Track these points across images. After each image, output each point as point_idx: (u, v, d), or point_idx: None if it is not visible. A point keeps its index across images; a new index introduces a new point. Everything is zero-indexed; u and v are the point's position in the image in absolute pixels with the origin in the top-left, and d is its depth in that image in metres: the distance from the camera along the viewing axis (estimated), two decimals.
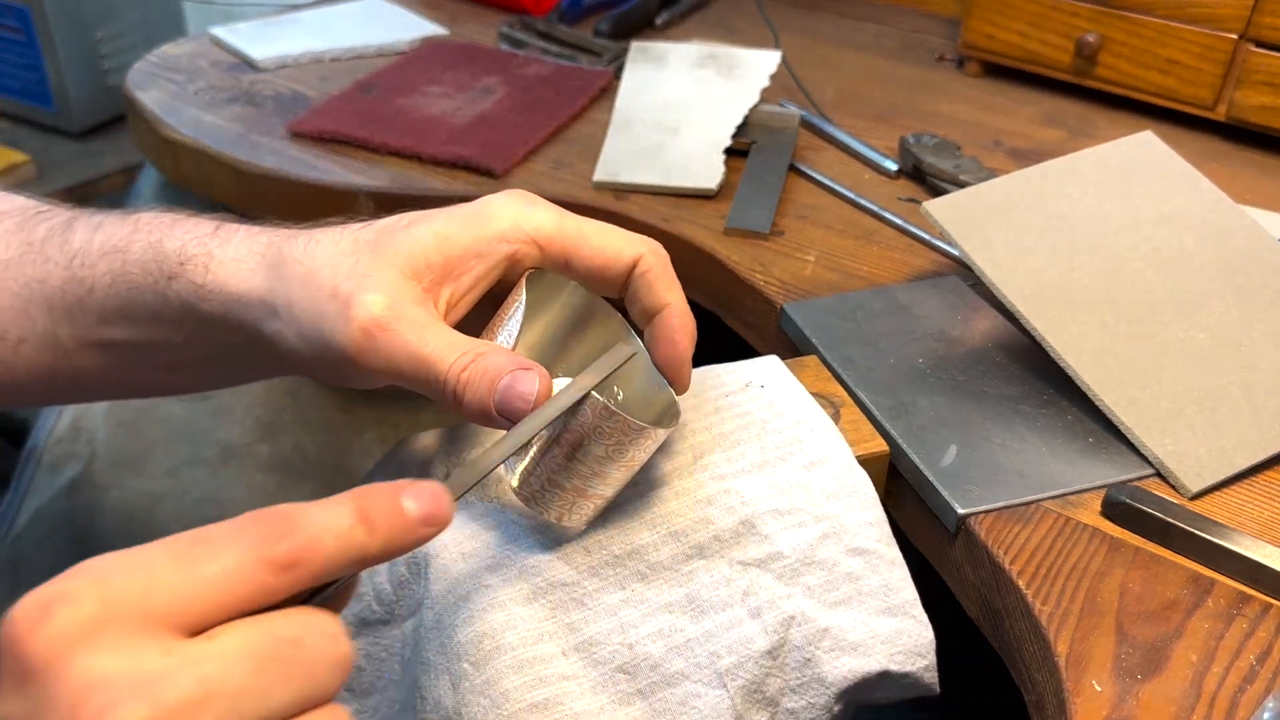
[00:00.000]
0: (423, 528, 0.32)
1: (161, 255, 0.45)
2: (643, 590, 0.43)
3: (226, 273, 0.43)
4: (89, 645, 0.27)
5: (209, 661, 0.27)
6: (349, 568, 0.31)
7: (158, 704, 0.26)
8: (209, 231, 0.45)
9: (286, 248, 0.43)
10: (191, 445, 0.78)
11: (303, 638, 0.29)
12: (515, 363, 0.39)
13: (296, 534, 0.29)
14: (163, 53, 0.94)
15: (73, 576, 0.28)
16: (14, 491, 0.74)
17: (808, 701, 0.44)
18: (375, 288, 0.40)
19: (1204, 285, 0.60)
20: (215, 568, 0.28)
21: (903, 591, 0.45)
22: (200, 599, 0.28)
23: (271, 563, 0.29)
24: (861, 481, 0.47)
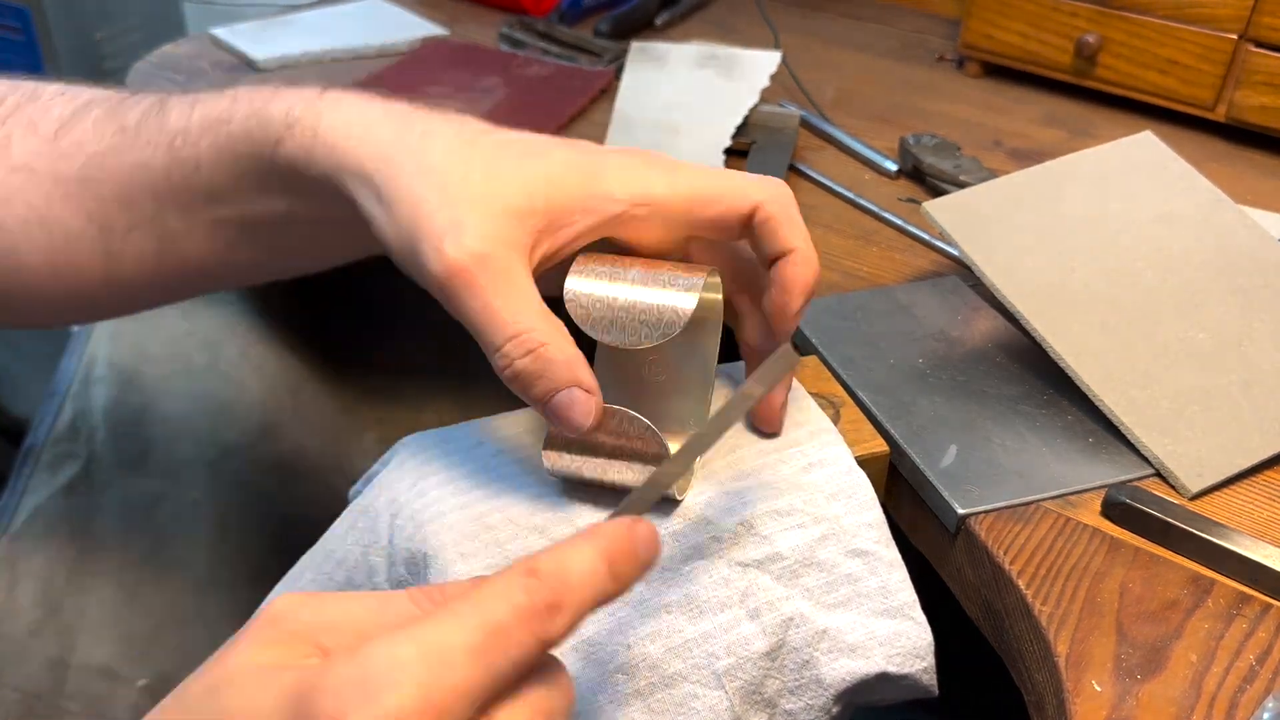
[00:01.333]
0: (645, 570, 0.33)
1: (267, 120, 0.43)
2: (641, 590, 0.43)
3: (336, 136, 0.42)
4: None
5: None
6: (592, 611, 0.31)
7: None
8: (315, 94, 0.44)
9: (401, 127, 0.42)
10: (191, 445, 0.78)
11: (554, 709, 0.30)
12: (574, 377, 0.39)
13: (565, 610, 0.30)
14: (163, 53, 0.94)
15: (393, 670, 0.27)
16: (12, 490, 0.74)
17: (806, 703, 0.44)
18: (472, 225, 0.39)
19: (1204, 285, 0.60)
20: (505, 665, 0.28)
21: (902, 593, 0.45)
22: (487, 696, 0.28)
23: (546, 642, 0.29)
24: (861, 483, 0.47)
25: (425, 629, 0.28)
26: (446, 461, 0.46)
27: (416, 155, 0.41)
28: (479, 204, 0.39)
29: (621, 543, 0.31)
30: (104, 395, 0.77)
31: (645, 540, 0.32)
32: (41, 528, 0.72)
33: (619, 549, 0.31)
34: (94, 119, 0.48)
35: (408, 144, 0.41)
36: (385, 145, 0.41)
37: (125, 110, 0.48)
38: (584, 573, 0.30)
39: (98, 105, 0.49)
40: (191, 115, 0.46)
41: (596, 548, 0.31)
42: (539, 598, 0.29)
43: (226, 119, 0.45)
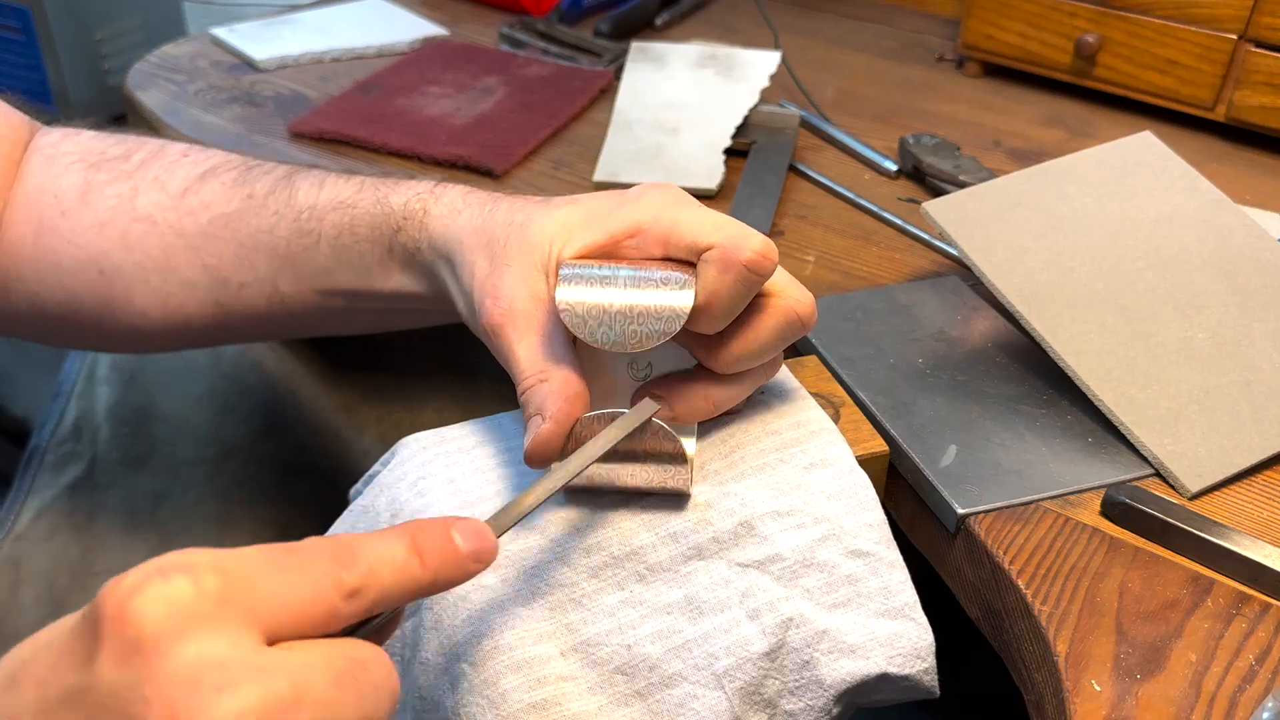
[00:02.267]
0: (471, 563, 0.33)
1: (389, 210, 0.50)
2: (641, 591, 0.43)
3: (434, 228, 0.48)
4: (206, 626, 0.27)
5: (300, 667, 0.28)
6: (402, 598, 0.32)
7: (262, 697, 0.27)
8: (429, 188, 0.50)
9: (480, 210, 0.48)
10: (193, 445, 0.78)
11: (368, 663, 0.30)
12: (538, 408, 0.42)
13: (359, 562, 0.31)
14: (163, 53, 0.94)
15: (188, 553, 0.28)
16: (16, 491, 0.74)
17: (806, 703, 0.44)
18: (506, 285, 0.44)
19: (1204, 285, 0.60)
20: (302, 581, 0.29)
21: (902, 594, 0.45)
22: (288, 609, 0.29)
23: (341, 587, 0.30)
24: (861, 483, 0.47)
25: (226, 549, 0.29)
26: (447, 462, 0.47)
27: (476, 228, 0.47)
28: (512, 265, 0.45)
29: (429, 529, 0.33)
30: (107, 395, 0.77)
31: (464, 530, 0.33)
32: (45, 527, 0.72)
33: (425, 533, 0.32)
34: (222, 183, 0.53)
35: (476, 224, 0.47)
36: (460, 229, 0.47)
37: (254, 178, 0.53)
38: (382, 544, 0.32)
39: (225, 170, 0.54)
40: (320, 194, 0.51)
41: (400, 528, 0.32)
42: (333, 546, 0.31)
43: (353, 203, 0.51)
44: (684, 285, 0.42)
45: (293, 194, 0.51)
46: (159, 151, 0.55)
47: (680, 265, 0.43)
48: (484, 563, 0.34)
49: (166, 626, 0.27)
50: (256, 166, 0.54)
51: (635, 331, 0.42)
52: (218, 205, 0.52)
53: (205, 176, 0.53)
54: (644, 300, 0.42)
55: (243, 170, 0.53)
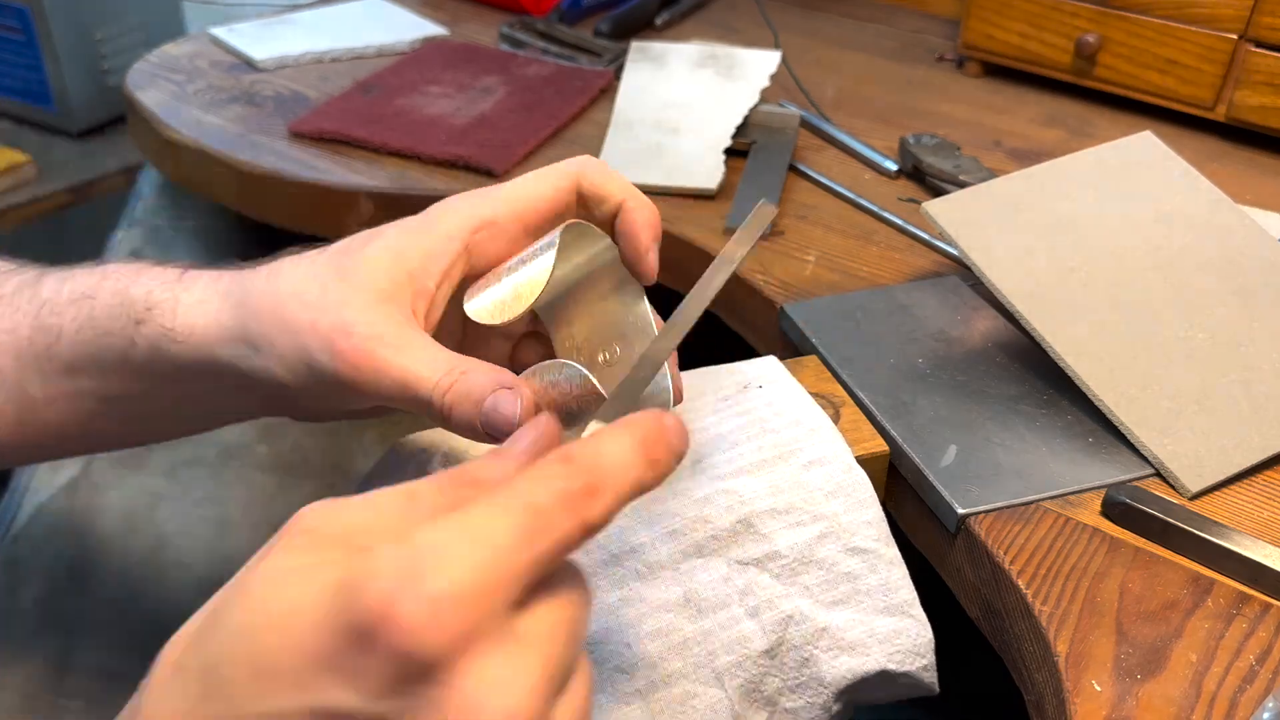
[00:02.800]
0: (676, 462, 0.32)
1: (129, 301, 0.45)
2: (641, 589, 0.43)
3: (194, 315, 0.44)
4: (479, 642, 0.26)
5: (546, 644, 0.28)
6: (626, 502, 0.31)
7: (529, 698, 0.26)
8: (174, 277, 0.45)
9: (249, 283, 0.43)
10: (191, 445, 0.78)
11: (581, 615, 0.29)
12: (495, 382, 0.39)
13: (603, 494, 0.29)
14: (163, 53, 0.94)
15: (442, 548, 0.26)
16: (14, 490, 0.74)
17: (806, 701, 0.44)
18: (352, 315, 0.41)
19: (1204, 285, 0.60)
20: (549, 546, 0.28)
21: (901, 591, 0.45)
22: (535, 576, 0.28)
23: (588, 529, 0.29)
24: (860, 481, 0.47)
25: (469, 515, 0.27)
26: (445, 462, 0.47)
27: (271, 295, 0.42)
28: (350, 301, 0.41)
29: (653, 430, 0.31)
30: None
31: (676, 429, 0.32)
32: (43, 528, 0.72)
33: (652, 435, 0.31)
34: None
35: (259, 291, 0.43)
36: (241, 306, 0.43)
37: (6, 279, 0.49)
38: (619, 457, 0.30)
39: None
40: (63, 288, 0.47)
41: (630, 433, 0.31)
42: (577, 481, 0.29)
43: (92, 294, 0.46)
44: (548, 246, 0.42)
45: (38, 290, 0.48)
46: None
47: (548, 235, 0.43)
48: (681, 458, 0.32)
49: (445, 655, 0.26)
50: (13, 269, 0.50)
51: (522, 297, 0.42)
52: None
53: None
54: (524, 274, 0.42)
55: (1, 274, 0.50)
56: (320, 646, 0.26)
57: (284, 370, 0.42)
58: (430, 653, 0.25)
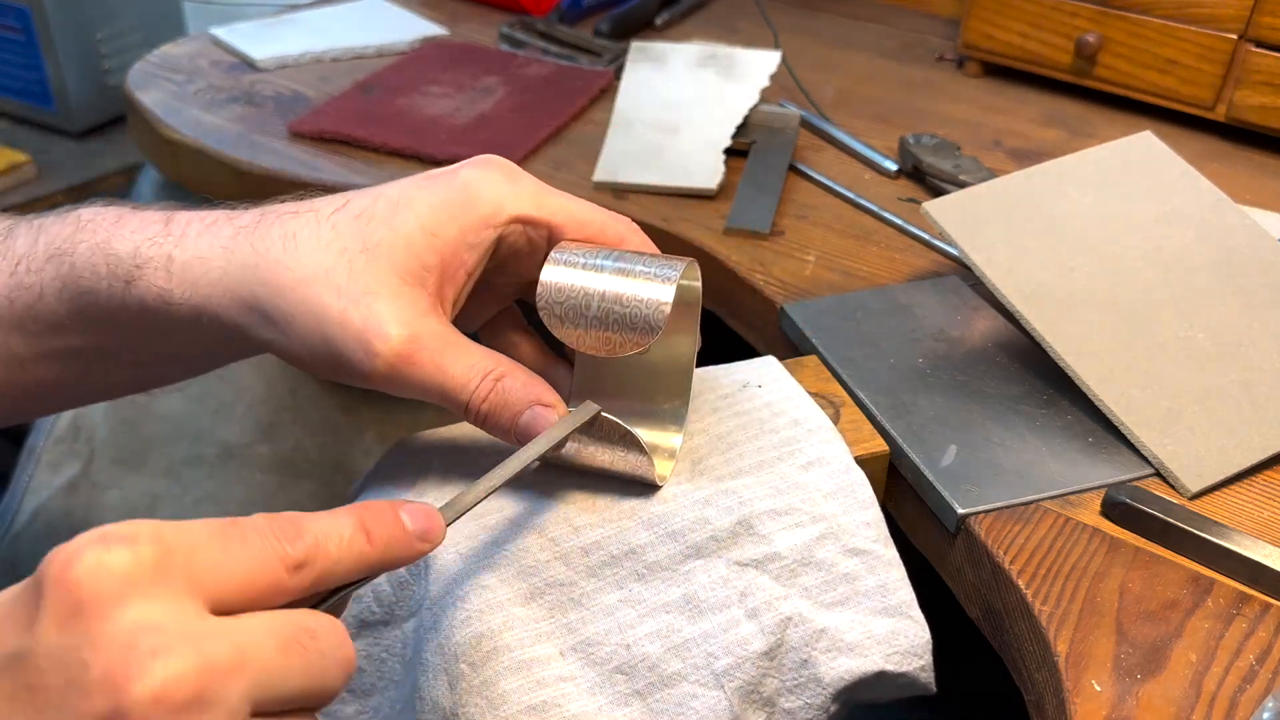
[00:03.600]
0: (418, 543, 0.34)
1: (113, 258, 0.42)
2: (640, 590, 0.43)
3: (194, 274, 0.41)
4: (144, 592, 0.27)
5: (243, 633, 0.28)
6: (351, 574, 0.32)
7: (201, 659, 0.27)
8: (160, 229, 0.43)
9: (260, 247, 0.41)
10: (191, 445, 0.78)
11: (318, 632, 0.30)
12: (533, 396, 0.40)
13: (305, 537, 0.31)
14: (163, 53, 0.94)
15: (129, 524, 0.29)
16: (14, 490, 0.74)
17: (804, 702, 0.44)
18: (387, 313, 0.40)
19: (1204, 285, 0.60)
20: (246, 554, 0.30)
21: (899, 592, 0.45)
22: (232, 579, 0.29)
23: (286, 560, 0.30)
24: (859, 482, 0.47)
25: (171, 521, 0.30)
26: (444, 462, 0.46)
27: (290, 269, 0.40)
28: (379, 290, 0.40)
29: (377, 510, 0.33)
30: None
31: (411, 511, 0.34)
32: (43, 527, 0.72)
33: (372, 513, 0.33)
34: None
35: (275, 260, 0.41)
36: (251, 270, 0.41)
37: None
38: (328, 521, 0.32)
39: None
40: (38, 241, 0.44)
41: (347, 509, 0.33)
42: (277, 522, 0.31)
43: (69, 250, 0.43)
44: (666, 279, 0.42)
45: (11, 245, 0.45)
46: None
47: (666, 256, 0.43)
48: (431, 543, 0.35)
49: (105, 591, 0.27)
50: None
51: (614, 326, 0.42)
52: None
53: None
54: (628, 290, 0.41)
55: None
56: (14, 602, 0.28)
57: (304, 350, 0.41)
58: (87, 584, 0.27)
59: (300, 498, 0.80)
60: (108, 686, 0.26)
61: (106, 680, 0.26)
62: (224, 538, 0.30)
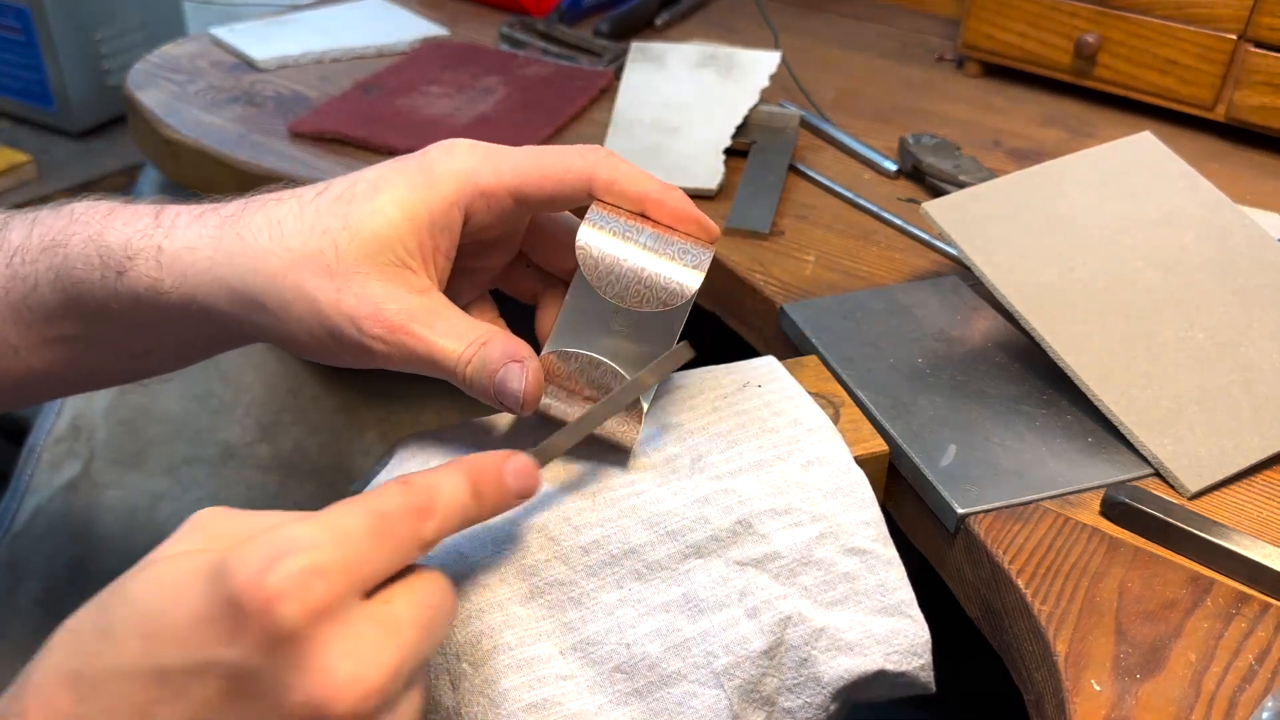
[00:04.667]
0: (515, 499, 0.38)
1: (105, 250, 0.43)
2: (640, 590, 0.43)
3: (183, 264, 0.42)
4: (335, 619, 0.31)
5: (401, 629, 0.33)
6: (456, 532, 0.37)
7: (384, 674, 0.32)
8: (150, 221, 0.44)
9: (247, 235, 0.42)
10: (191, 444, 0.78)
11: (441, 603, 0.35)
12: (507, 355, 0.42)
13: (435, 513, 0.35)
14: (163, 53, 0.94)
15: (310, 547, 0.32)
16: (13, 490, 0.74)
17: (804, 701, 0.44)
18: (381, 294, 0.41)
19: (1204, 285, 0.60)
20: (395, 548, 0.34)
21: (899, 591, 0.45)
22: (384, 574, 0.34)
23: (422, 545, 0.35)
24: (859, 481, 0.47)
25: (324, 516, 0.33)
26: (444, 461, 0.46)
27: (278, 253, 0.42)
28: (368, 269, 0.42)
29: (489, 472, 0.37)
30: (104, 395, 0.77)
31: (516, 470, 0.38)
32: (43, 527, 0.72)
33: (484, 477, 0.37)
34: None
35: (261, 246, 0.42)
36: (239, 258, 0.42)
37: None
38: (451, 490, 0.36)
39: None
40: (32, 233, 0.46)
41: (463, 472, 0.37)
42: (414, 500, 0.35)
43: (63, 242, 0.44)
44: (696, 265, 0.45)
45: (6, 236, 0.46)
46: None
47: (696, 240, 0.46)
48: (525, 498, 0.39)
49: (308, 625, 0.31)
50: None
51: (639, 294, 0.45)
52: None
53: None
54: (657, 268, 0.45)
55: None
56: (200, 612, 0.31)
57: (302, 333, 0.42)
58: (290, 617, 0.30)
59: (300, 498, 0.80)
60: (311, 706, 0.31)
61: (310, 701, 0.31)
62: (379, 537, 0.33)
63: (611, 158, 0.45)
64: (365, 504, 0.34)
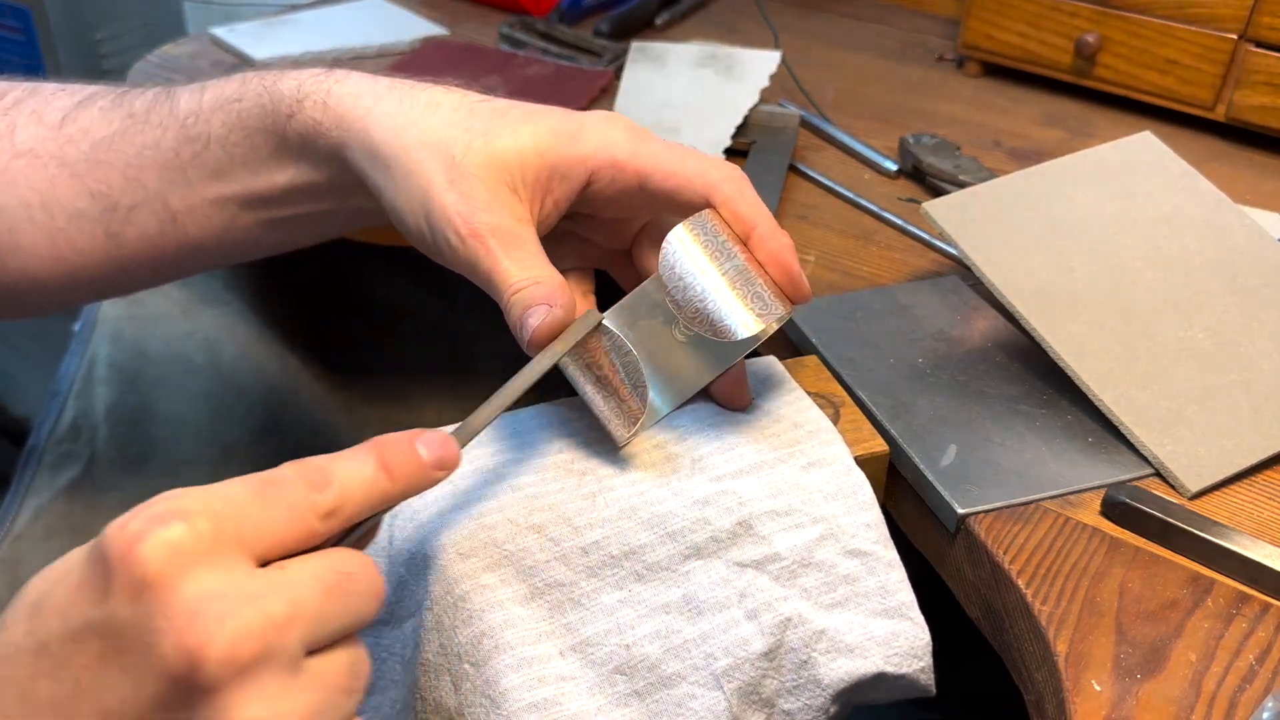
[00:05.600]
0: (435, 471, 0.36)
1: (278, 96, 0.46)
2: (640, 591, 0.43)
3: (344, 108, 0.45)
4: (203, 563, 0.30)
5: (291, 586, 0.31)
6: (374, 510, 0.35)
7: (262, 618, 0.30)
8: (323, 72, 0.47)
9: (407, 98, 0.45)
10: (192, 445, 0.78)
11: (354, 573, 0.33)
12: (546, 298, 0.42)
13: (333, 484, 0.34)
14: (163, 53, 0.94)
15: (179, 498, 0.31)
16: (14, 491, 0.74)
17: (804, 703, 0.44)
18: (481, 205, 0.43)
19: (1204, 285, 0.60)
20: (284, 509, 0.33)
21: (899, 593, 0.45)
22: (272, 534, 0.32)
23: (317, 510, 0.33)
24: (859, 483, 0.47)
25: (212, 486, 0.32)
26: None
27: (421, 128, 0.44)
28: (483, 176, 0.43)
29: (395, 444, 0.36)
30: (105, 395, 0.77)
31: (427, 441, 0.36)
32: (43, 528, 0.72)
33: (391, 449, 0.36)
34: (100, 108, 0.50)
35: (412, 116, 0.44)
36: (390, 117, 0.44)
37: (132, 99, 0.51)
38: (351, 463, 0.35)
39: (102, 97, 0.51)
40: (203, 97, 0.49)
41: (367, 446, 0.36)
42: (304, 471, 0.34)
43: (238, 97, 0.48)
44: (763, 317, 0.44)
45: (174, 105, 0.49)
46: (34, 90, 0.53)
47: (778, 292, 0.45)
48: (447, 469, 0.37)
49: (169, 567, 0.30)
50: (133, 90, 0.52)
51: (698, 312, 0.44)
52: (98, 129, 0.50)
53: (83, 104, 0.51)
54: (723, 298, 0.44)
55: (119, 95, 0.51)
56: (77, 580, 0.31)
57: (405, 206, 0.44)
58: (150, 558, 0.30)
59: None
60: (182, 651, 0.29)
61: (180, 646, 0.29)
62: (262, 498, 0.32)
63: (743, 180, 0.46)
64: (252, 476, 0.33)
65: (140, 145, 0.49)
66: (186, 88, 0.50)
